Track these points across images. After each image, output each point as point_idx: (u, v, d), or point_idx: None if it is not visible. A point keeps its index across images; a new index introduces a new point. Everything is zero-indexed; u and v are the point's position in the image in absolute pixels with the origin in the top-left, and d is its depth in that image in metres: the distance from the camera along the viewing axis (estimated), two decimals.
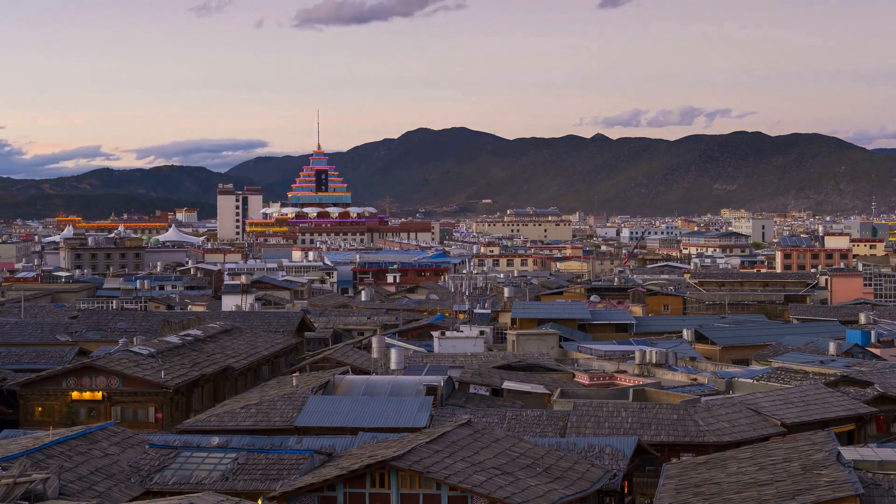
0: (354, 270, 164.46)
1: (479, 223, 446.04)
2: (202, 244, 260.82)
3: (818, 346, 74.96)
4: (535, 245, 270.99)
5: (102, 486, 36.95)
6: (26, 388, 57.01)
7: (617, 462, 40.56)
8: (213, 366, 63.14)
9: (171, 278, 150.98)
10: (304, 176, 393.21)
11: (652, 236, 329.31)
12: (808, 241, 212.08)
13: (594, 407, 48.70)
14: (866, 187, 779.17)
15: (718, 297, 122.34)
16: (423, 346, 79.28)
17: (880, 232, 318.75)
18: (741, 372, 67.86)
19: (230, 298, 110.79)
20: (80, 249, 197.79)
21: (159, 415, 55.93)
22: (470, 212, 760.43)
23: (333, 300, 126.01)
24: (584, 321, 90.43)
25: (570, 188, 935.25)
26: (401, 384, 54.58)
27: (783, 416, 49.09)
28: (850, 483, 29.34)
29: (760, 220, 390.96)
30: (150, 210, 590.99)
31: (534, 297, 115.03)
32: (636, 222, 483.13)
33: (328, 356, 67.97)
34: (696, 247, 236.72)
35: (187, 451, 41.45)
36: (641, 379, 64.06)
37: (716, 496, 32.16)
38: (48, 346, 75.23)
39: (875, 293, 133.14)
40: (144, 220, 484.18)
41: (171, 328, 75.27)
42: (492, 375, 61.68)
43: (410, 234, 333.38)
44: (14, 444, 39.86)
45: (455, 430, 38.99)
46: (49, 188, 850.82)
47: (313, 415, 49.17)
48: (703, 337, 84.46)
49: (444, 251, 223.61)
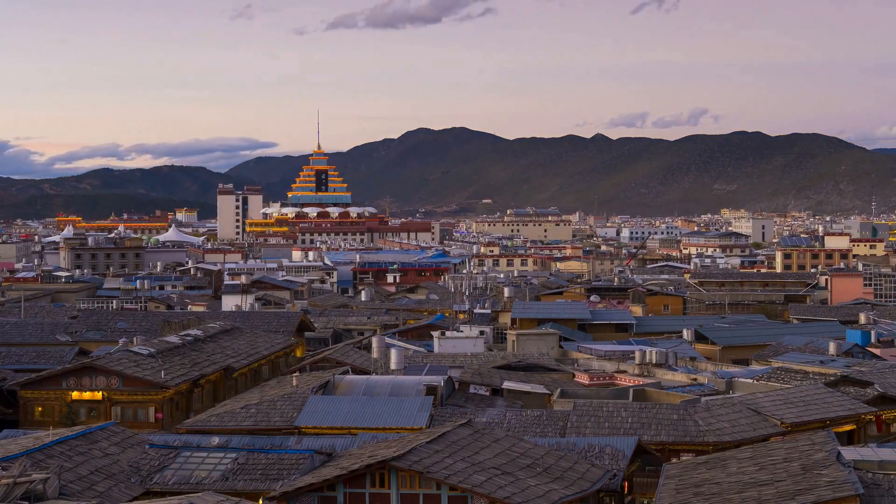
0: (354, 270, 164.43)
1: (479, 223, 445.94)
2: (202, 244, 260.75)
3: (818, 346, 74.93)
4: (535, 245, 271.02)
5: (102, 486, 36.94)
6: (26, 388, 56.98)
7: (617, 462, 40.53)
8: (213, 366, 63.14)
9: (171, 278, 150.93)
10: (304, 176, 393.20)
11: (652, 236, 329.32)
12: (808, 241, 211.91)
13: (594, 407, 48.68)
14: (866, 187, 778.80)
15: (718, 297, 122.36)
16: (423, 346, 79.27)
17: (880, 232, 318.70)
18: (741, 372, 67.84)
19: (230, 298, 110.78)
20: (80, 249, 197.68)
21: (159, 415, 55.91)
22: (470, 212, 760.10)
23: (333, 300, 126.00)
24: (584, 321, 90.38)
25: (570, 188, 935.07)
26: (401, 384, 54.58)
27: (783, 416, 49.09)
28: (850, 483, 29.31)
29: (760, 220, 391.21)
30: (150, 210, 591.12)
31: (534, 297, 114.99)
32: (636, 222, 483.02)
33: (328, 356, 67.93)
34: (696, 247, 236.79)
35: (187, 451, 41.45)
36: (641, 379, 64.04)
37: (716, 496, 32.15)
38: (48, 346, 75.19)
39: (875, 293, 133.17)
40: (144, 220, 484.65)
41: (171, 328, 75.25)
42: (492, 375, 61.67)
43: (410, 234, 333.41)
44: (14, 444, 39.85)
45: (455, 430, 38.97)
46: (49, 188, 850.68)
47: (313, 415, 49.17)
48: (703, 337, 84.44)
49: (444, 251, 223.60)
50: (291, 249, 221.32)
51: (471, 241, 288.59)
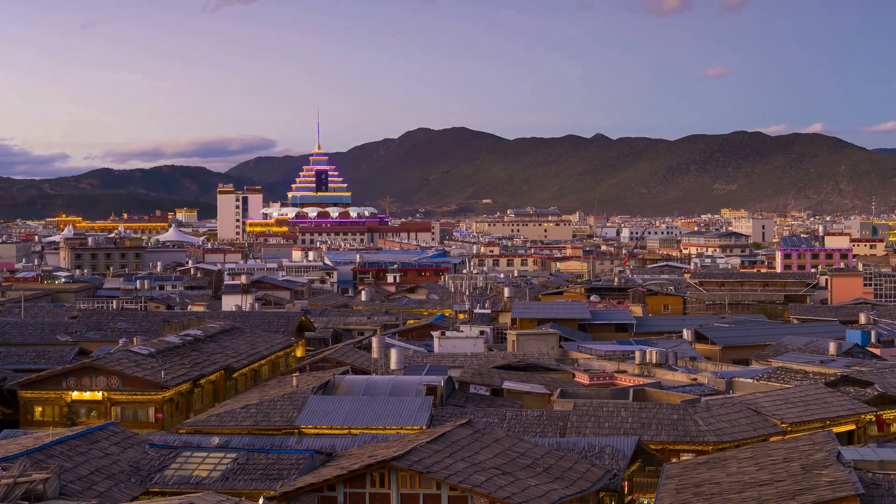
0: (354, 270, 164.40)
1: (479, 223, 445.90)
2: (202, 244, 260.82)
3: (818, 346, 74.89)
4: (535, 245, 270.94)
5: (102, 486, 36.92)
6: (26, 388, 56.97)
7: (617, 462, 40.51)
8: (213, 366, 63.12)
9: (171, 278, 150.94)
10: (304, 176, 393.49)
11: (652, 236, 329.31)
12: (808, 241, 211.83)
13: (594, 407, 48.67)
14: (866, 187, 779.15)
15: (718, 297, 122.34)
16: (423, 346, 79.25)
17: (880, 232, 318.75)
18: (741, 372, 67.82)
19: (230, 298, 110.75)
20: (80, 249, 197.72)
21: (159, 415, 55.90)
22: (470, 212, 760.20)
23: (333, 300, 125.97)
24: (584, 321, 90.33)
25: (570, 188, 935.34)
26: (401, 384, 54.57)
27: (783, 416, 49.07)
28: (851, 483, 29.29)
29: (760, 220, 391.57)
30: (150, 210, 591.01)
31: (534, 297, 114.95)
32: (636, 222, 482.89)
33: (328, 356, 67.89)
34: (696, 247, 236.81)
35: (187, 451, 41.44)
36: (641, 379, 64.00)
37: (716, 496, 32.13)
38: (48, 346, 75.16)
39: (875, 293, 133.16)
40: (144, 220, 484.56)
41: (171, 328, 75.24)
42: (492, 375, 61.64)
43: (410, 234, 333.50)
44: (14, 444, 39.83)
45: (455, 430, 38.96)
46: (49, 188, 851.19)
47: (313, 415, 49.15)
48: (703, 337, 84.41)
49: (444, 251, 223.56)
50: (291, 249, 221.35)
51: (471, 241, 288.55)
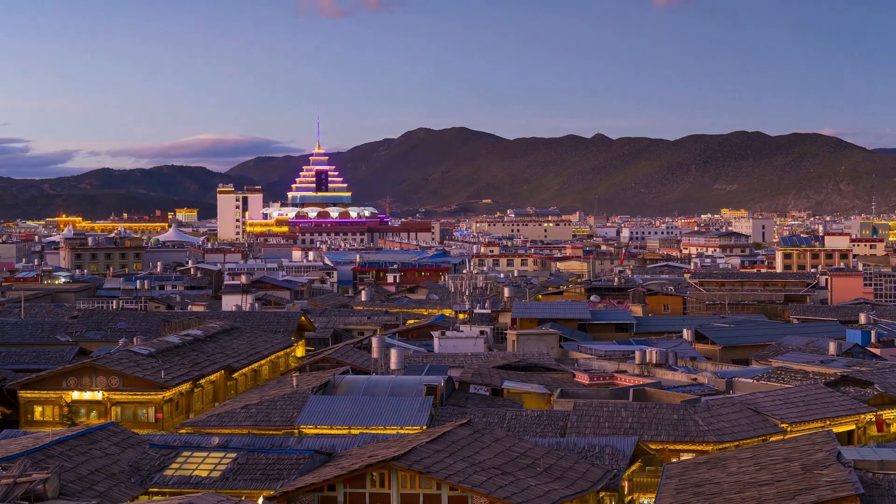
0: (354, 270, 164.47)
1: (479, 223, 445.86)
2: (202, 244, 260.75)
3: (818, 346, 74.88)
4: (535, 245, 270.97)
5: (102, 486, 36.92)
6: (26, 388, 56.98)
7: (617, 462, 40.52)
8: (213, 366, 63.11)
9: (171, 278, 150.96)
10: (304, 176, 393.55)
11: (652, 236, 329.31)
12: (808, 241, 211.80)
13: (594, 407, 48.67)
14: (866, 187, 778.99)
15: (718, 296, 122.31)
16: (424, 346, 79.24)
17: (880, 232, 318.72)
18: (741, 372, 67.82)
19: (230, 298, 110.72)
20: (80, 249, 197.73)
21: (159, 415, 55.89)
22: (470, 212, 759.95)
23: (333, 300, 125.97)
24: (585, 321, 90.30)
25: (570, 188, 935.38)
26: (401, 384, 54.58)
27: (783, 416, 49.07)
28: (851, 483, 29.30)
29: (760, 220, 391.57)
30: (150, 210, 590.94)
31: (534, 297, 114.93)
32: (636, 222, 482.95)
33: (328, 356, 67.90)
34: (696, 247, 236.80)
35: (187, 450, 41.45)
36: (641, 379, 63.98)
37: (716, 496, 32.13)
38: (48, 346, 75.12)
39: (875, 293, 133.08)
40: (144, 219, 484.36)
41: (171, 328, 75.16)
42: (492, 375, 61.63)
43: (410, 234, 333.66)
44: (14, 444, 39.84)
45: (455, 430, 38.97)
46: (49, 188, 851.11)
47: (313, 415, 49.18)
48: (703, 337, 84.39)
49: (444, 251, 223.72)
50: (291, 249, 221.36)
51: (471, 241, 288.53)
